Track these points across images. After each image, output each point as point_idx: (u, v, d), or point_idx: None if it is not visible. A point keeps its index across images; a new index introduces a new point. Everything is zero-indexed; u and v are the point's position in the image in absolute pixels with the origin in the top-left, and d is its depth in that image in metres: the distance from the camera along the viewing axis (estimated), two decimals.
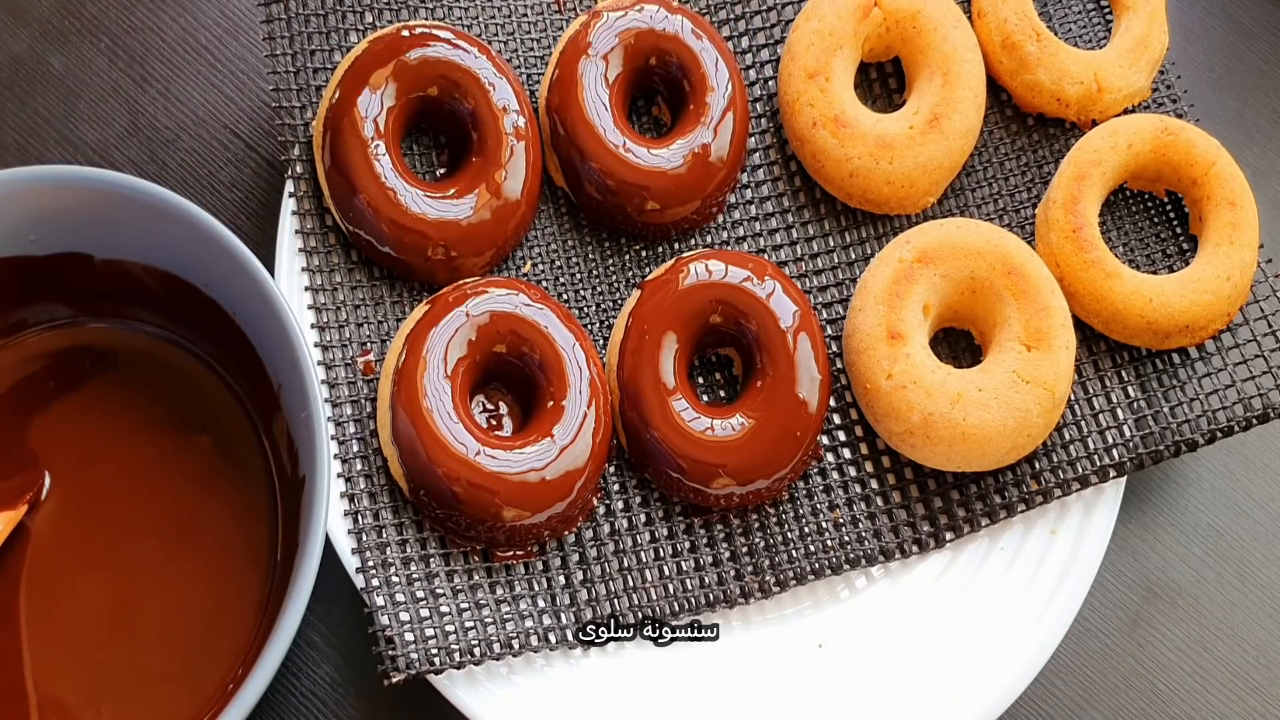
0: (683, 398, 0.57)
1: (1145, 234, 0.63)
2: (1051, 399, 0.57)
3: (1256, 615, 0.63)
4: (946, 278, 0.59)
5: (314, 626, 0.59)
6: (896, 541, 0.59)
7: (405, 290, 0.60)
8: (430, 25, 0.60)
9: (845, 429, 0.60)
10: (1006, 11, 0.63)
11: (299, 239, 0.59)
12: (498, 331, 0.57)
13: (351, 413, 0.57)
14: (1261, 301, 0.62)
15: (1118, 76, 0.63)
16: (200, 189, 0.65)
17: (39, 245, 0.55)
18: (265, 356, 0.54)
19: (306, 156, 0.60)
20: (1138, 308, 0.59)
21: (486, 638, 0.54)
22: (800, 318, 0.58)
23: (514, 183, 0.59)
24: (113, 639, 0.53)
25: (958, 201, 0.64)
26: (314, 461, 0.50)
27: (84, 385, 0.57)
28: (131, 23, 0.68)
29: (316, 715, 0.58)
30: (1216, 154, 0.61)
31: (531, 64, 0.64)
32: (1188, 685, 0.61)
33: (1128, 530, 0.63)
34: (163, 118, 0.66)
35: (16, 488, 0.54)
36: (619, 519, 0.58)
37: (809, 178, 0.63)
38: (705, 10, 0.65)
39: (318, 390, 0.50)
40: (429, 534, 0.56)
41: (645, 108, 0.64)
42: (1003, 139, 0.65)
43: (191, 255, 0.54)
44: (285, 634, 0.47)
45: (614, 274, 0.62)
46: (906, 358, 0.57)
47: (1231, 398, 0.60)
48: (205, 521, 0.55)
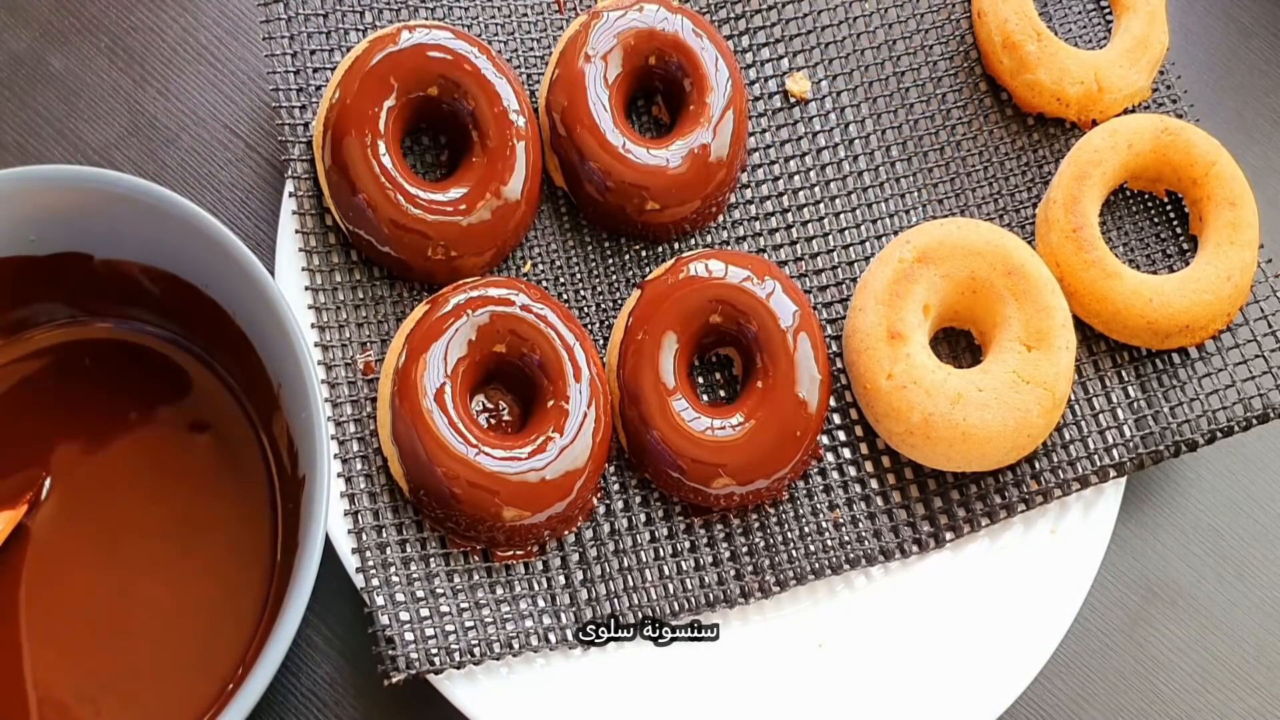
0: (683, 398, 0.57)
1: (1145, 234, 0.63)
2: (1052, 399, 0.57)
3: (1256, 615, 0.63)
4: (947, 278, 0.59)
5: (314, 626, 0.59)
6: (896, 541, 0.59)
7: (405, 290, 0.60)
8: (430, 25, 0.60)
9: (845, 429, 0.60)
10: (1007, 11, 0.63)
11: (299, 239, 0.59)
12: (498, 331, 0.57)
13: (351, 413, 0.57)
14: (1261, 301, 0.62)
15: (1118, 76, 0.63)
16: (200, 189, 0.65)
17: (39, 245, 0.55)
18: (265, 356, 0.54)
19: (306, 156, 0.60)
20: (1138, 308, 0.59)
21: (486, 637, 0.54)
22: (800, 318, 0.58)
23: (514, 183, 0.59)
24: (113, 639, 0.53)
25: (958, 201, 0.64)
26: (314, 461, 0.50)
27: (84, 385, 0.57)
28: (131, 22, 0.68)
29: (316, 715, 0.58)
30: (1216, 154, 0.61)
31: (531, 64, 0.64)
32: (1188, 685, 0.61)
33: (1128, 530, 0.63)
34: (163, 117, 0.66)
35: (17, 487, 0.54)
36: (619, 519, 0.58)
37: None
38: (705, 10, 0.65)
39: (318, 390, 0.50)
40: (429, 534, 0.56)
41: (645, 108, 0.64)
42: (1003, 139, 0.65)
43: (191, 255, 0.54)
44: (285, 634, 0.47)
45: (614, 274, 0.62)
46: (907, 358, 0.57)
47: (1231, 398, 0.60)
48: (205, 521, 0.55)
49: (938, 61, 0.66)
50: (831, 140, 0.64)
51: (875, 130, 0.65)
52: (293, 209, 0.59)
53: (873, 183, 0.64)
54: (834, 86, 0.65)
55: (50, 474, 0.55)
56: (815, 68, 0.65)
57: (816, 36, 0.66)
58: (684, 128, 0.61)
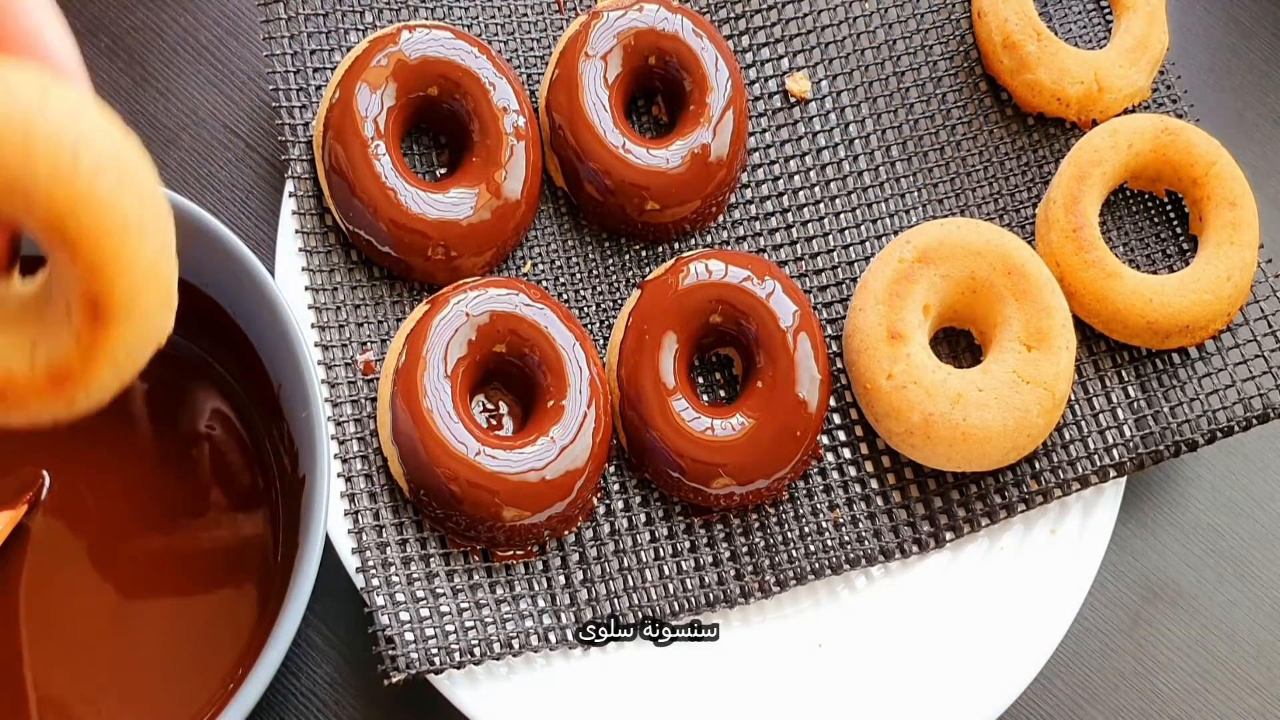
0: (683, 397, 0.57)
1: (1145, 234, 0.63)
2: (1052, 399, 0.57)
3: (1256, 615, 0.63)
4: (947, 277, 0.59)
5: (314, 626, 0.59)
6: (896, 541, 0.59)
7: (405, 290, 0.60)
8: (430, 25, 0.60)
9: (845, 429, 0.60)
10: (1007, 11, 0.63)
11: (299, 239, 0.59)
12: (498, 331, 0.57)
13: (351, 413, 0.57)
14: (1261, 301, 0.62)
15: (1118, 76, 0.63)
16: (200, 189, 0.65)
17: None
18: (265, 356, 0.54)
19: (306, 156, 0.60)
20: (1138, 307, 0.59)
21: (486, 637, 0.54)
22: (800, 318, 0.58)
23: (514, 183, 0.59)
24: (112, 639, 0.53)
25: (958, 201, 0.64)
26: (314, 461, 0.50)
27: None
28: (131, 22, 0.68)
29: (316, 715, 0.58)
30: (1216, 154, 0.61)
31: (531, 64, 0.64)
32: (1188, 685, 0.61)
33: (1128, 530, 0.63)
34: (163, 117, 0.66)
35: (16, 488, 0.54)
36: (619, 519, 0.58)
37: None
38: (705, 10, 0.65)
39: (318, 390, 0.50)
40: (429, 534, 0.56)
41: (645, 108, 0.64)
42: (1003, 139, 0.65)
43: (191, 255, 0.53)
44: (285, 634, 0.47)
45: (614, 274, 0.62)
46: (907, 358, 0.57)
47: (1231, 398, 0.60)
48: (205, 521, 0.55)
49: (938, 61, 0.66)
50: (831, 140, 0.64)
51: (875, 130, 0.65)
52: (293, 209, 0.59)
53: (873, 183, 0.64)
54: (834, 86, 0.65)
55: (49, 474, 0.55)
56: (815, 68, 0.65)
57: (816, 36, 0.65)
58: (684, 128, 0.61)
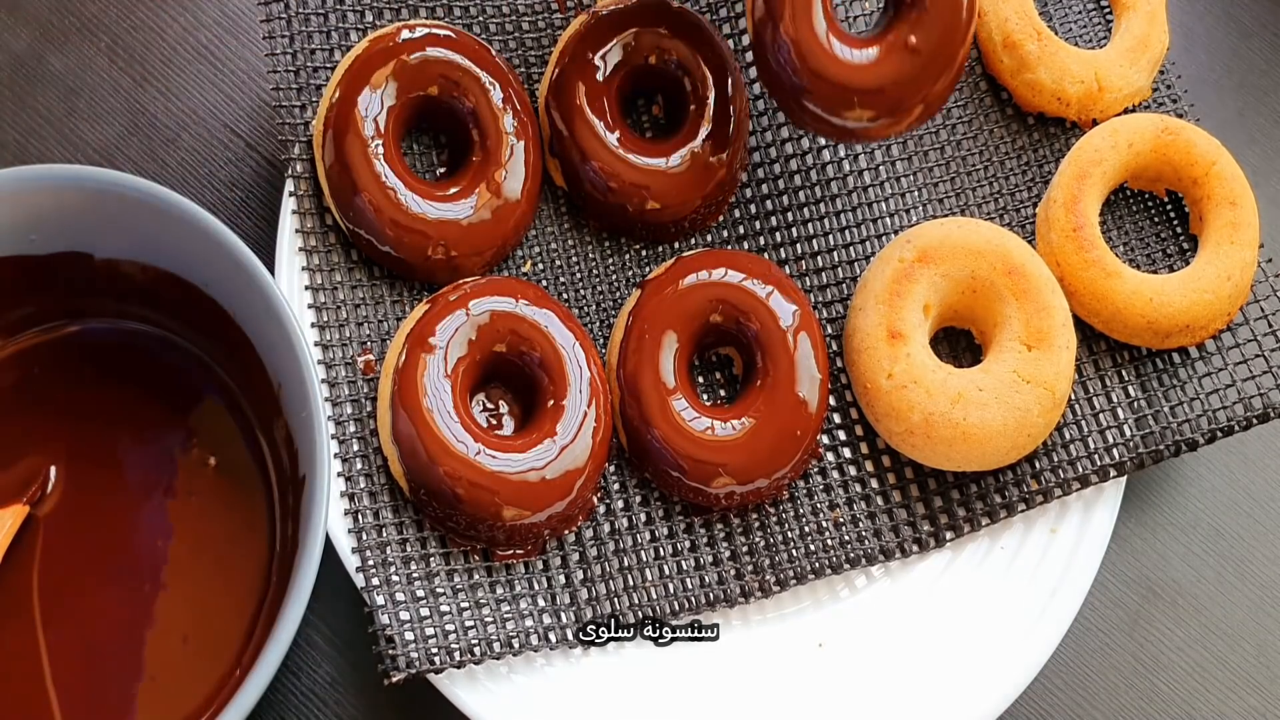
0: (683, 397, 0.57)
1: (1145, 233, 0.63)
2: (1052, 398, 0.57)
3: (1256, 615, 0.63)
4: (947, 277, 0.59)
5: (314, 626, 0.59)
6: (896, 541, 0.59)
7: (405, 290, 0.60)
8: (430, 25, 0.60)
9: (845, 429, 0.60)
10: (1007, 11, 0.63)
11: (299, 238, 0.59)
12: (498, 331, 0.57)
13: (351, 412, 0.57)
14: (1261, 301, 0.62)
15: (1118, 76, 0.63)
16: (200, 188, 0.65)
17: (39, 245, 0.55)
18: (265, 356, 0.54)
19: (306, 156, 0.60)
20: (1138, 307, 0.59)
21: (486, 637, 0.54)
22: (800, 318, 0.58)
23: (514, 182, 0.59)
24: (112, 639, 0.53)
25: (958, 201, 0.64)
26: (314, 461, 0.50)
27: (84, 384, 0.57)
28: (131, 22, 0.68)
29: (316, 715, 0.58)
30: (1216, 154, 0.61)
31: (531, 64, 0.64)
32: (1188, 685, 0.61)
33: (1128, 530, 0.63)
34: (163, 117, 0.66)
35: (21, 485, 0.54)
36: (619, 518, 0.58)
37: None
38: (705, 10, 0.65)
39: (318, 390, 0.50)
40: (429, 533, 0.56)
41: (645, 108, 0.64)
42: (1003, 139, 0.65)
43: (192, 255, 0.54)
44: (285, 634, 0.47)
45: (614, 274, 0.62)
46: (907, 357, 0.57)
47: (1231, 397, 0.60)
48: (205, 521, 0.55)
49: None
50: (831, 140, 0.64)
51: None
52: (293, 209, 0.59)
53: (873, 182, 0.64)
54: None
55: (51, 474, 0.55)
56: None
57: None
58: (684, 128, 0.61)
